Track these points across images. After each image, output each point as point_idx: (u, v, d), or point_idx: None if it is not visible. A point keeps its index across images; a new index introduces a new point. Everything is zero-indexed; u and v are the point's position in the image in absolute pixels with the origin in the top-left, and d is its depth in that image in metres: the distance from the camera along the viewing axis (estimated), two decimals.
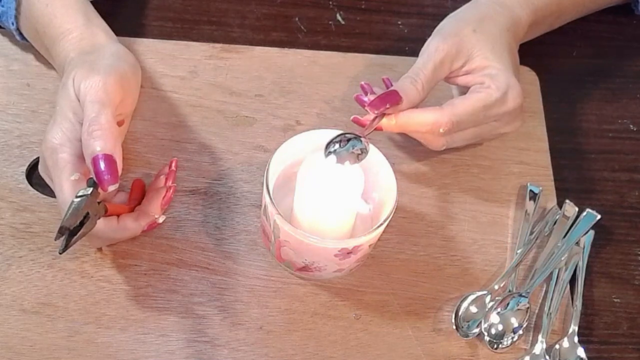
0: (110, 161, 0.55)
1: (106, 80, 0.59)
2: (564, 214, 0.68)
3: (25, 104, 0.69)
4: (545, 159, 0.72)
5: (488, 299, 0.63)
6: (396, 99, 0.62)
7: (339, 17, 0.80)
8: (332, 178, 0.58)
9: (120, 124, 0.63)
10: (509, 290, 0.64)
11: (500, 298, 0.63)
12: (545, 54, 0.79)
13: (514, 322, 0.62)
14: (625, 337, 0.65)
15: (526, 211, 0.68)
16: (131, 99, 0.64)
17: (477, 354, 0.62)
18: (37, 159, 0.64)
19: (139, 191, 0.64)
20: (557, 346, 0.62)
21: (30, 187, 0.65)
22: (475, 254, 0.66)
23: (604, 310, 0.66)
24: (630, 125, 0.77)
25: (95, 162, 0.55)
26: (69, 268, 0.61)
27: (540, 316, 0.64)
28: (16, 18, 0.67)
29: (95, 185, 0.55)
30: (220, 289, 0.62)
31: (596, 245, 0.68)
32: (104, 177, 0.55)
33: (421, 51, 0.66)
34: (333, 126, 0.66)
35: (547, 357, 0.61)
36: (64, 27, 0.64)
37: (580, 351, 0.62)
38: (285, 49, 0.76)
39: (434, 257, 0.66)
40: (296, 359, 0.60)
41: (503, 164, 0.71)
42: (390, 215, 0.58)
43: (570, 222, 0.68)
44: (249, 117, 0.71)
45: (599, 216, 0.68)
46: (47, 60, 0.69)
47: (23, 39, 0.69)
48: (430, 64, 0.64)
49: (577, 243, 0.67)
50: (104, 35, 0.65)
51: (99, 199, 0.56)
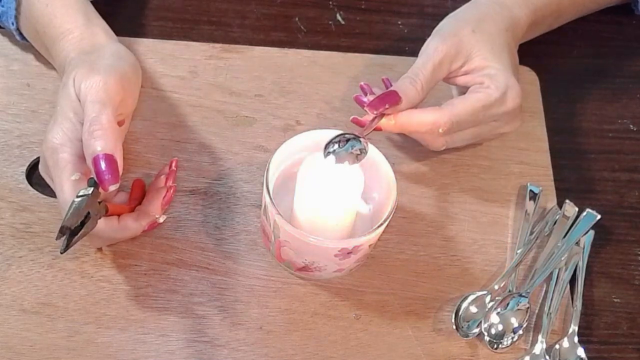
0: (111, 161, 0.55)
1: (107, 80, 0.59)
2: (564, 214, 0.68)
3: (25, 104, 0.69)
4: (545, 159, 0.72)
5: (488, 299, 0.63)
6: (395, 99, 0.62)
7: (339, 17, 0.80)
8: (332, 178, 0.58)
9: (121, 124, 0.63)
10: (509, 290, 0.64)
11: (500, 298, 0.63)
12: (545, 54, 0.79)
13: (514, 322, 0.62)
14: (625, 337, 0.65)
15: (526, 211, 0.68)
16: (132, 98, 0.64)
17: (477, 354, 0.62)
18: (37, 159, 0.64)
19: (139, 191, 0.64)
20: (557, 346, 0.62)
21: (30, 187, 0.65)
22: (475, 254, 0.66)
23: (604, 310, 0.66)
24: (630, 125, 0.77)
25: (96, 162, 0.55)
26: (69, 268, 0.61)
27: (540, 316, 0.64)
28: (16, 18, 0.67)
29: (96, 185, 0.55)
30: (220, 289, 0.62)
31: (596, 245, 0.68)
32: (104, 177, 0.55)
33: (420, 51, 0.66)
34: (333, 126, 0.66)
35: (547, 357, 0.61)
36: (64, 27, 0.64)
37: (580, 351, 0.62)
38: (285, 49, 0.76)
39: (434, 257, 0.66)
40: (296, 359, 0.60)
41: (503, 164, 0.71)
42: (390, 215, 0.58)
43: (570, 222, 0.68)
44: (249, 117, 0.71)
45: (599, 216, 0.68)
46: (47, 60, 0.69)
47: (23, 39, 0.69)
48: (429, 64, 0.64)
49: (577, 243, 0.67)
50: (104, 35, 0.65)
51: (100, 199, 0.56)
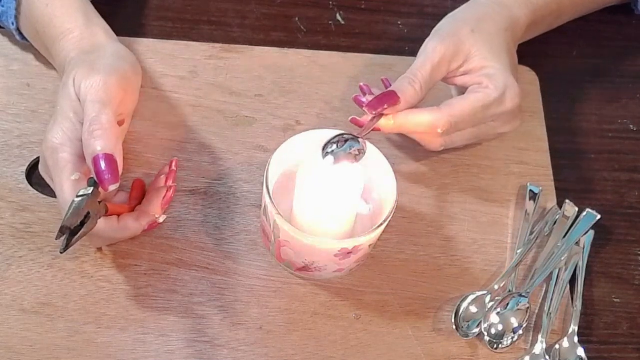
0: (111, 161, 0.56)
1: (107, 80, 0.59)
2: (564, 214, 0.68)
3: (25, 104, 0.69)
4: (545, 159, 0.72)
5: (488, 299, 0.63)
6: (394, 100, 0.62)
7: (339, 17, 0.80)
8: (332, 178, 0.58)
9: (121, 124, 0.63)
10: (509, 290, 0.64)
11: (500, 298, 0.63)
12: (545, 54, 0.79)
13: (514, 322, 0.62)
14: (625, 337, 0.65)
15: (526, 211, 0.68)
16: (132, 98, 0.64)
17: (477, 354, 0.62)
18: (37, 159, 0.64)
19: (139, 191, 0.64)
20: (557, 346, 0.62)
21: (30, 187, 0.65)
22: (475, 254, 0.66)
23: (604, 310, 0.66)
24: (630, 125, 0.77)
25: (96, 162, 0.55)
26: (69, 268, 0.61)
27: (540, 316, 0.64)
28: (16, 18, 0.67)
29: (96, 185, 0.55)
30: (220, 289, 0.62)
31: (596, 245, 0.68)
32: (104, 177, 0.55)
33: (419, 51, 0.66)
34: (333, 126, 0.66)
35: (547, 357, 0.61)
36: (64, 27, 0.64)
37: (580, 351, 0.62)
38: (285, 49, 0.76)
39: (434, 257, 0.66)
40: (296, 359, 0.60)
41: (503, 164, 0.71)
42: (390, 215, 0.58)
43: (570, 222, 0.68)
44: (249, 117, 0.71)
45: (599, 216, 0.68)
46: (47, 60, 0.69)
47: (23, 39, 0.69)
48: (428, 65, 0.64)
49: (577, 243, 0.67)
50: (104, 35, 0.65)
51: (100, 199, 0.56)
